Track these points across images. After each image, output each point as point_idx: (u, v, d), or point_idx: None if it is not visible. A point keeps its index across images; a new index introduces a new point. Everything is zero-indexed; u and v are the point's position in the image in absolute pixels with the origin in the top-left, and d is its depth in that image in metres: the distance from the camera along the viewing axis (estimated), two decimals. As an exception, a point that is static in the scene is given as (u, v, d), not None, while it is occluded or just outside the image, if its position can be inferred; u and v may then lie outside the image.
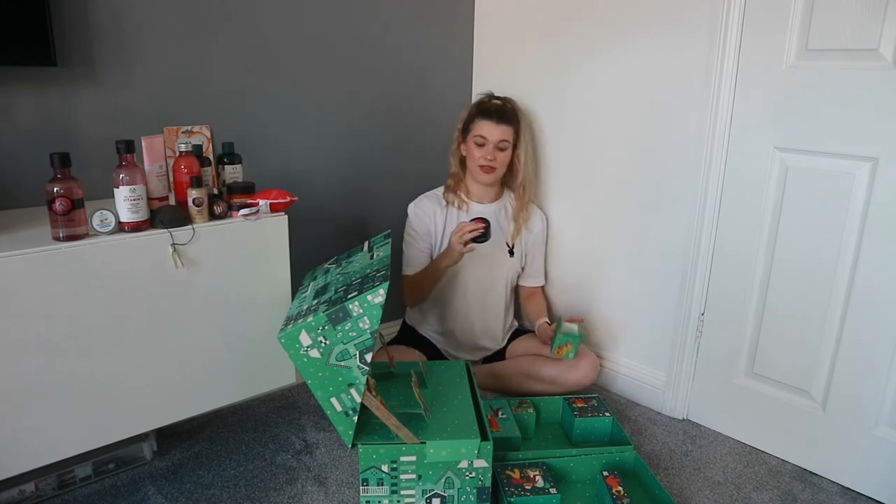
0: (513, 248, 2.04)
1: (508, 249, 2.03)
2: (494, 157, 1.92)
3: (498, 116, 1.92)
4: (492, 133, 1.91)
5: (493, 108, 1.95)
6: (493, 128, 1.91)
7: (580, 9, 1.98)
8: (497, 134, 1.91)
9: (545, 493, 1.40)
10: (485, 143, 1.91)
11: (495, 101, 1.99)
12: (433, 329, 2.07)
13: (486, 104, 1.97)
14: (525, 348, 2.02)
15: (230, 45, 1.73)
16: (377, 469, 1.36)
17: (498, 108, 1.95)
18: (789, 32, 1.55)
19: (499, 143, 1.92)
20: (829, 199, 1.54)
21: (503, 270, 2.04)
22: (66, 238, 1.23)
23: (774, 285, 1.67)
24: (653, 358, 1.98)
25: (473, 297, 2.00)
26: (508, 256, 2.04)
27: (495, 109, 1.94)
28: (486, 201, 2.03)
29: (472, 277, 1.98)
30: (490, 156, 1.91)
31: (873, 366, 1.52)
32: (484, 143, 1.91)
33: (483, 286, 2.01)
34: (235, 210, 1.45)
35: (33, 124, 1.47)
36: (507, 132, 1.93)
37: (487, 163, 1.92)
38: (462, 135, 2.00)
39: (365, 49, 2.02)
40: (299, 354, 1.27)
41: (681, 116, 1.78)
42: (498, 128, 1.91)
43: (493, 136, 1.91)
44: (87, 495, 1.50)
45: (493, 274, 2.02)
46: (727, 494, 1.57)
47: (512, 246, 2.04)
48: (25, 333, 1.19)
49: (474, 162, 1.94)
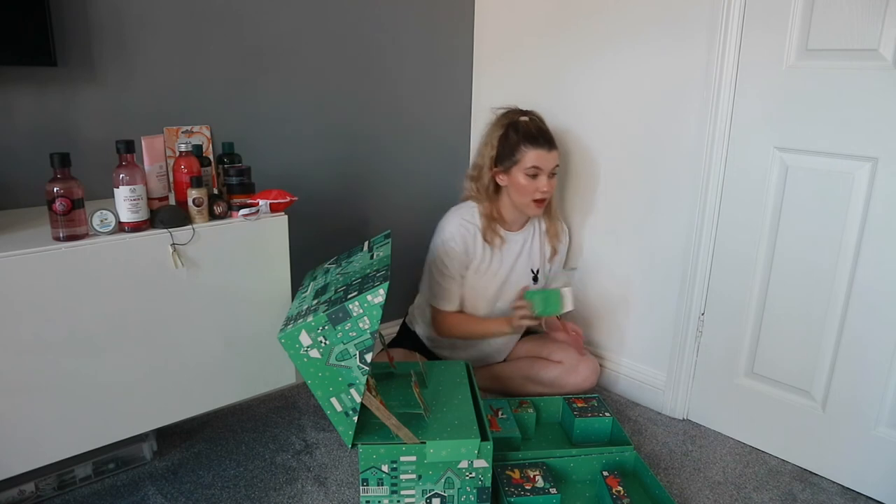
0: (537, 275, 1.94)
1: (533, 276, 1.94)
2: (549, 186, 1.75)
3: (547, 142, 1.74)
4: (546, 162, 1.73)
5: (536, 131, 1.75)
6: (545, 156, 1.73)
7: (579, 12, 1.98)
8: (551, 162, 1.75)
9: (545, 493, 1.40)
10: (538, 173, 1.74)
11: (526, 119, 1.79)
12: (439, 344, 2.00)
13: (527, 127, 1.76)
14: (526, 350, 2.01)
15: (230, 45, 1.73)
16: (377, 469, 1.36)
17: (541, 130, 1.76)
18: (789, 32, 1.55)
19: (552, 171, 1.76)
20: (829, 199, 1.54)
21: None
22: (66, 238, 1.23)
23: (774, 285, 1.67)
24: (653, 358, 1.98)
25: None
26: (532, 283, 1.93)
27: (539, 133, 1.75)
28: (515, 228, 1.89)
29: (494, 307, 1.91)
30: (546, 187, 1.74)
31: (873, 366, 1.52)
32: (538, 173, 1.74)
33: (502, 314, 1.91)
34: (235, 210, 1.45)
35: (33, 124, 1.47)
36: (557, 157, 1.77)
37: (542, 195, 1.75)
38: (499, 163, 1.78)
39: (365, 50, 2.02)
40: (299, 354, 1.27)
41: (681, 117, 1.78)
42: (550, 154, 1.74)
43: (548, 165, 1.74)
44: (86, 495, 1.50)
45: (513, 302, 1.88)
46: (727, 494, 1.57)
47: (537, 272, 1.94)
48: (25, 333, 1.19)
49: (526, 196, 1.76)
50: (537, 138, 1.74)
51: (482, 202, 1.84)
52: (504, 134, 1.78)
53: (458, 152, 2.33)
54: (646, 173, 1.90)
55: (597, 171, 2.03)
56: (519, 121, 1.78)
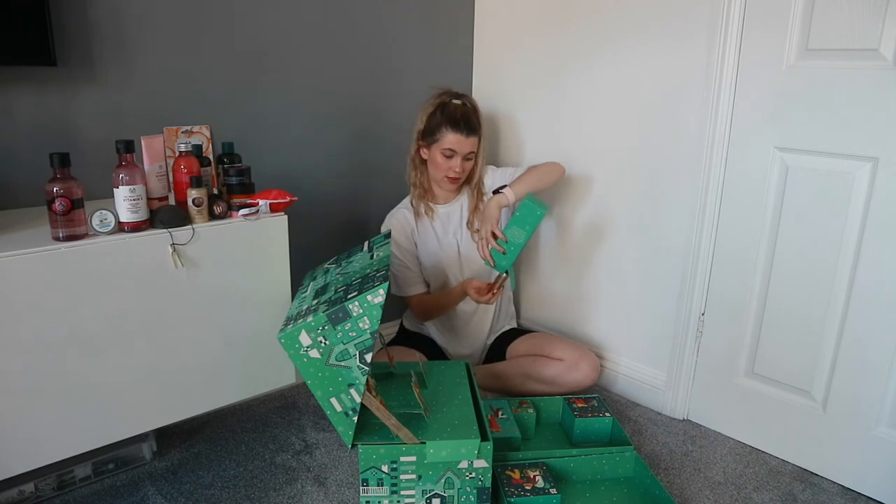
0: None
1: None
2: (463, 168, 1.86)
3: (467, 128, 1.83)
4: (461, 146, 1.83)
5: (459, 115, 1.84)
6: (461, 140, 1.82)
7: (580, 11, 1.98)
8: (466, 146, 1.84)
9: (545, 493, 1.40)
10: (453, 155, 1.84)
11: (455, 102, 1.87)
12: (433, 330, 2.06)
13: (451, 110, 1.85)
14: (526, 348, 2.01)
15: (230, 45, 1.73)
16: (377, 469, 1.36)
17: (464, 115, 1.84)
18: (789, 33, 1.55)
19: (467, 155, 1.86)
20: (829, 199, 1.54)
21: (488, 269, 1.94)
22: (66, 238, 1.23)
23: (775, 285, 1.67)
24: (653, 358, 1.98)
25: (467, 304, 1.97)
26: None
27: (462, 118, 1.83)
28: (449, 200, 1.99)
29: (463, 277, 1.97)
30: (458, 168, 1.85)
31: (873, 366, 1.52)
32: (452, 155, 1.84)
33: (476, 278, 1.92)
34: (235, 210, 1.45)
35: (33, 124, 1.47)
36: (474, 143, 1.86)
37: (455, 175, 1.86)
38: (423, 138, 1.89)
39: (365, 50, 2.02)
40: (299, 354, 1.27)
41: (681, 117, 1.78)
42: (467, 140, 1.83)
43: (463, 148, 1.83)
44: (86, 495, 1.50)
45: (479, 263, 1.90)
46: (727, 495, 1.57)
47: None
48: (25, 333, 1.19)
49: (440, 172, 1.87)
50: (458, 123, 1.83)
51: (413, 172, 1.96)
52: (433, 112, 1.88)
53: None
54: (646, 173, 1.90)
55: (597, 171, 2.03)
56: (449, 103, 1.88)
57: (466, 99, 1.90)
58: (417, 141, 1.91)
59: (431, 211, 1.97)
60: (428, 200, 1.97)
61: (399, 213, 1.97)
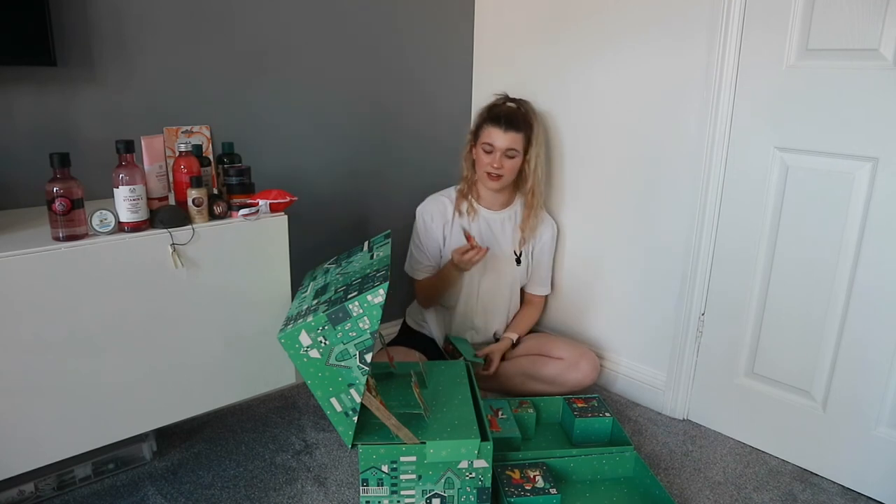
0: (520, 257, 2.02)
1: (516, 258, 2.01)
2: (501, 164, 1.86)
3: (507, 123, 1.85)
4: (499, 140, 1.85)
5: (502, 113, 1.88)
6: (500, 135, 1.85)
7: (580, 11, 1.98)
8: (505, 141, 1.85)
9: (545, 493, 1.40)
10: (492, 150, 1.86)
11: (509, 104, 1.93)
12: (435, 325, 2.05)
13: (496, 109, 1.90)
14: (526, 349, 2.02)
15: (230, 45, 1.73)
16: (377, 469, 1.36)
17: (508, 113, 1.88)
18: (789, 32, 1.55)
19: (506, 151, 1.86)
20: (829, 198, 1.54)
21: (508, 279, 2.02)
22: (66, 238, 1.23)
23: (775, 285, 1.67)
24: (653, 358, 1.98)
25: (478, 302, 2.00)
26: (515, 265, 2.01)
27: (504, 115, 1.87)
28: (495, 207, 1.99)
29: (478, 284, 1.98)
30: (497, 164, 1.85)
31: (873, 366, 1.52)
32: (491, 150, 1.86)
33: (489, 293, 2.00)
34: (235, 210, 1.45)
35: (33, 124, 1.47)
36: (515, 139, 1.86)
37: (494, 171, 1.87)
38: (473, 138, 1.95)
39: (365, 49, 2.02)
40: (299, 354, 1.27)
41: (681, 116, 1.78)
42: (506, 135, 1.85)
43: (501, 143, 1.85)
44: (86, 496, 1.50)
45: (499, 282, 2.00)
46: (727, 495, 1.57)
47: (519, 254, 2.01)
48: (25, 333, 1.19)
49: (482, 168, 1.90)
50: (499, 118, 1.87)
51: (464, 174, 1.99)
52: (481, 111, 1.95)
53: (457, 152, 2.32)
54: (646, 173, 1.90)
55: (597, 171, 2.03)
56: (499, 104, 1.95)
57: (521, 103, 1.95)
58: (470, 141, 1.97)
59: (474, 211, 1.97)
60: (472, 198, 1.98)
61: (440, 200, 1.98)
